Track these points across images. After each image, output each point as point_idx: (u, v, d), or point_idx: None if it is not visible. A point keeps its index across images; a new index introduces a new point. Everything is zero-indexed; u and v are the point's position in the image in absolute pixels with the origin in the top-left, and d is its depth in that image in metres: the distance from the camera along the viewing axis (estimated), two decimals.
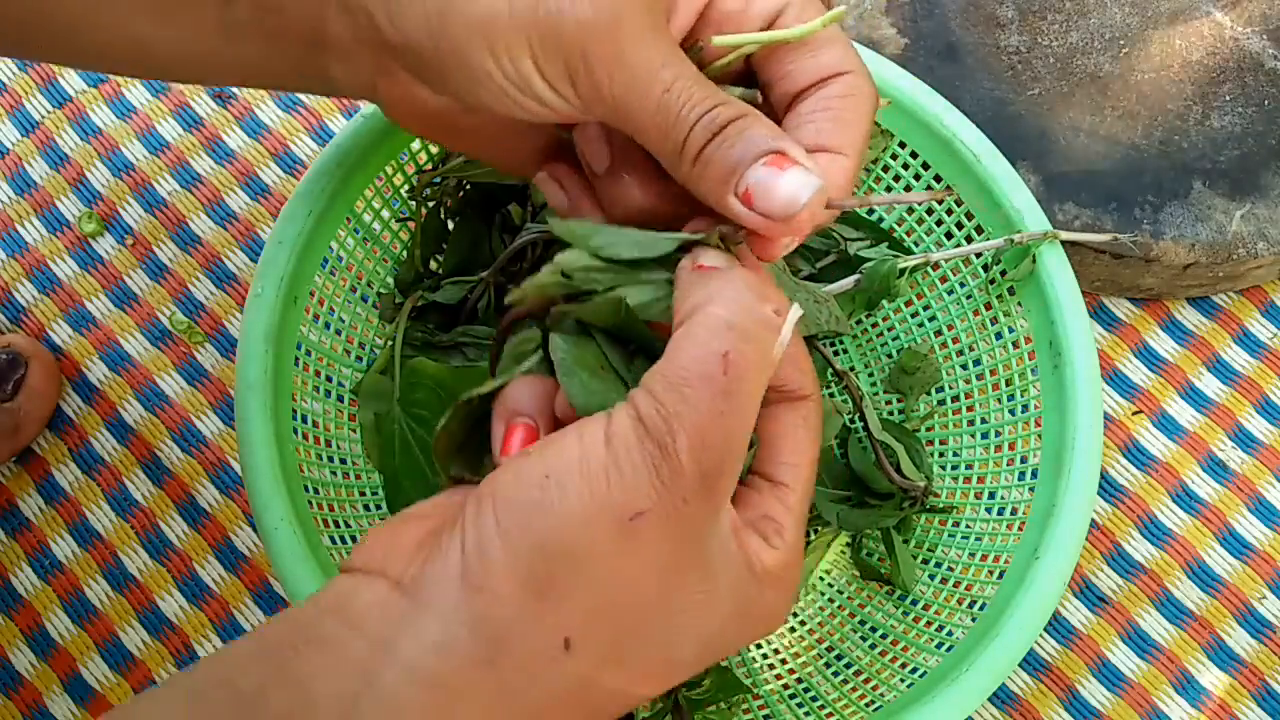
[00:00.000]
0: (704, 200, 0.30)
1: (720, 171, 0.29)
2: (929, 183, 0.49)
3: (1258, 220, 0.56)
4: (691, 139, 0.29)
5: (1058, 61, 0.59)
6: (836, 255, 0.50)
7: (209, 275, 0.60)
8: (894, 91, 0.48)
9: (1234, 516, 0.56)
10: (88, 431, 0.57)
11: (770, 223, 0.29)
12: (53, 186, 0.62)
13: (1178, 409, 0.58)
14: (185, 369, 0.58)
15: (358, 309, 0.49)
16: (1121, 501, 0.56)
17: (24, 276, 0.60)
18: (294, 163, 0.63)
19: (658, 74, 0.29)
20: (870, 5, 0.60)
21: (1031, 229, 0.45)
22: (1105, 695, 0.53)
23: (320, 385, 0.47)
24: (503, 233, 0.50)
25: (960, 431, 0.50)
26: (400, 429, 0.46)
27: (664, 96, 0.29)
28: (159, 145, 0.63)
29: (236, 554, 0.55)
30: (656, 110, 0.29)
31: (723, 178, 0.29)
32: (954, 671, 0.39)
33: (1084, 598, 0.54)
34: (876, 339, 0.54)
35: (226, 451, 0.57)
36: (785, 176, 0.28)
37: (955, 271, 0.50)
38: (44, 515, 0.55)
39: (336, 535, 0.44)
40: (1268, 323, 0.60)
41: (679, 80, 0.29)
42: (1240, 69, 0.59)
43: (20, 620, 0.54)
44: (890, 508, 0.48)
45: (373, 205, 0.48)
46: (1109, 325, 0.60)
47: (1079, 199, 0.56)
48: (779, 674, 0.48)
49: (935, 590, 0.46)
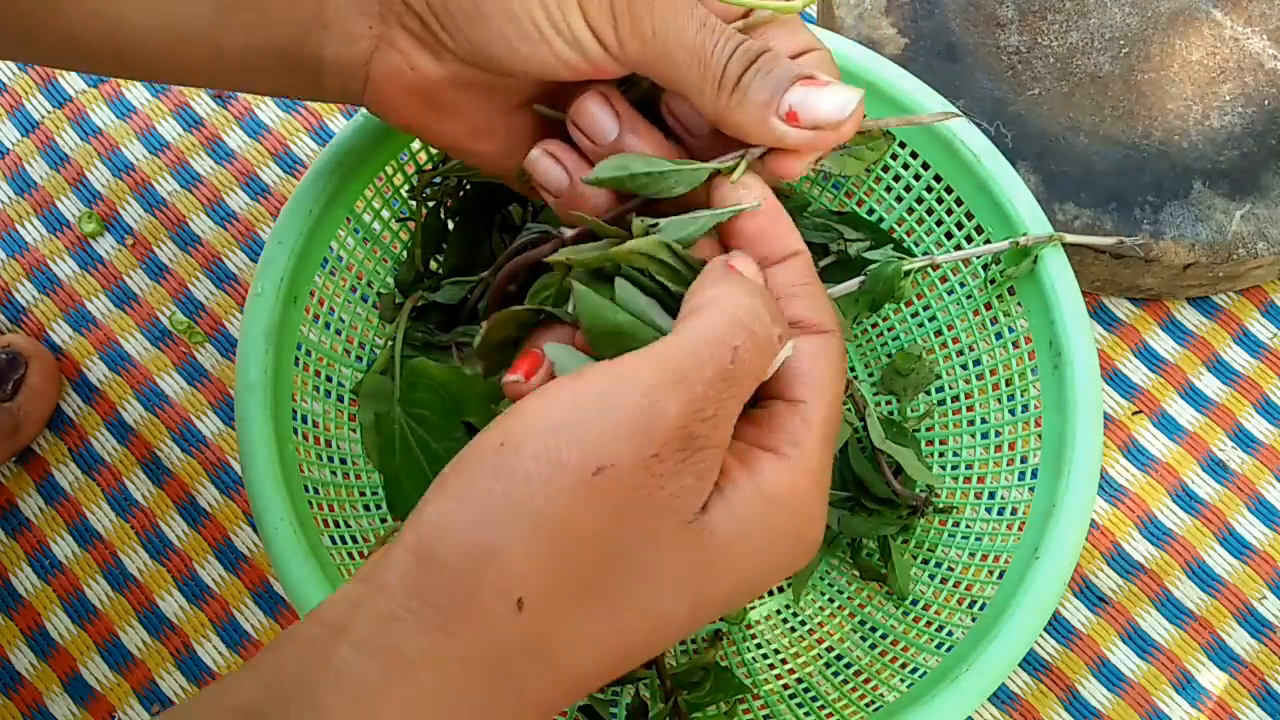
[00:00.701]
0: (739, 130, 0.32)
1: (761, 96, 0.31)
2: (929, 183, 0.49)
3: (1258, 220, 0.56)
4: (730, 68, 0.31)
5: (1058, 61, 0.59)
6: (837, 255, 0.50)
7: (209, 275, 0.60)
8: (894, 91, 0.48)
9: (1234, 516, 0.56)
10: (88, 431, 0.57)
11: (816, 135, 0.31)
12: (53, 186, 0.62)
13: (1178, 409, 0.58)
14: (185, 369, 0.58)
15: (358, 309, 0.49)
16: (1121, 501, 0.56)
17: (24, 276, 0.60)
18: (294, 163, 0.63)
19: (693, 9, 0.31)
20: (870, 5, 0.60)
21: (1031, 229, 0.45)
22: (1105, 695, 0.53)
23: (320, 385, 0.47)
24: (503, 233, 0.49)
25: (960, 431, 0.50)
26: (400, 429, 0.46)
27: (700, 31, 0.31)
28: (159, 145, 0.63)
29: (236, 554, 0.55)
30: (694, 44, 0.31)
31: (765, 101, 0.31)
32: (954, 671, 0.39)
33: (1084, 598, 0.54)
34: (876, 339, 0.54)
35: (226, 451, 0.57)
36: (827, 91, 0.31)
37: (955, 271, 0.50)
38: (44, 515, 0.55)
39: (336, 535, 0.44)
40: (1268, 323, 0.60)
41: (710, 16, 0.32)
42: (1240, 69, 0.59)
43: (20, 620, 0.54)
44: (891, 515, 0.48)
45: (373, 205, 0.48)
46: (1109, 325, 0.60)
47: (1079, 199, 0.56)
48: (779, 674, 0.48)
49: (935, 590, 0.46)
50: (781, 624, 0.49)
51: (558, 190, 0.36)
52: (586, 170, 0.35)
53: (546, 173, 0.36)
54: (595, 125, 0.34)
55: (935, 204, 0.49)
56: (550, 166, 0.35)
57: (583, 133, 0.34)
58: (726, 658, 0.48)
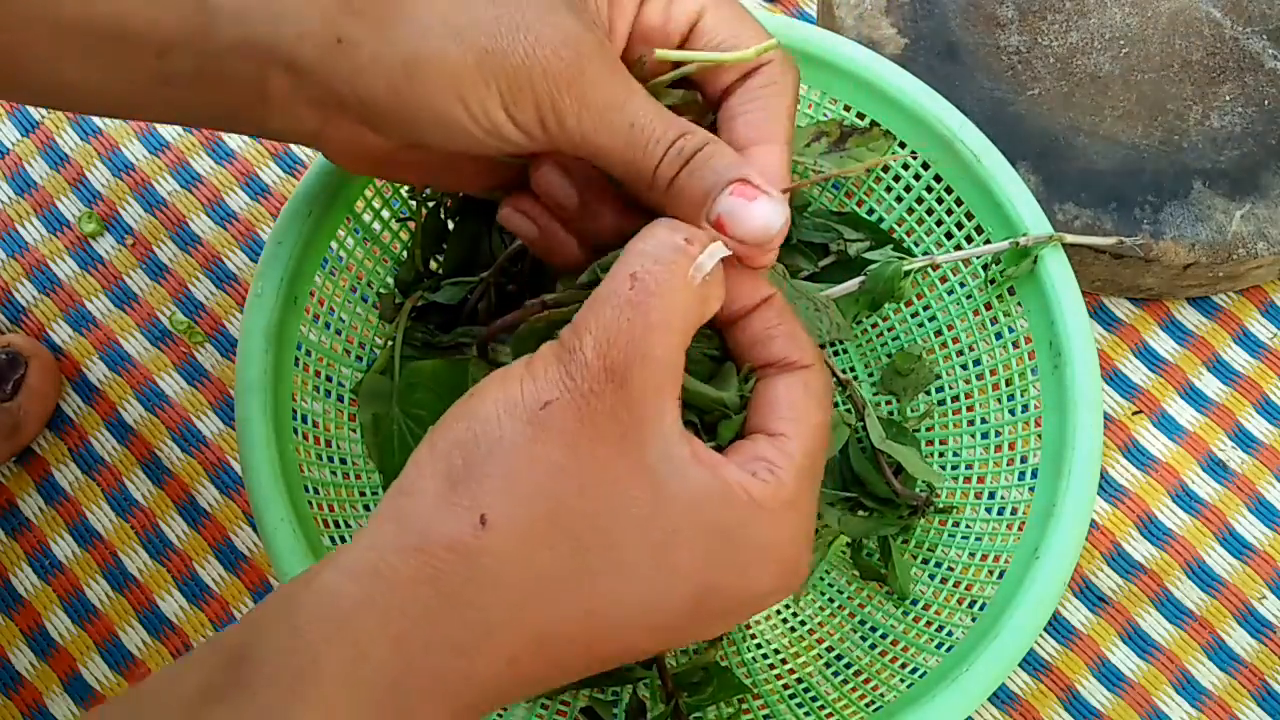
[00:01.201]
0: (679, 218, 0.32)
1: (693, 198, 0.31)
2: (929, 183, 0.49)
3: (1258, 220, 0.56)
4: (661, 170, 0.31)
5: (1058, 61, 0.59)
6: (837, 255, 0.50)
7: (209, 275, 0.60)
8: (894, 92, 0.48)
9: (1234, 516, 0.56)
10: (88, 431, 0.57)
11: (745, 246, 0.31)
12: (53, 186, 0.62)
13: (1178, 409, 0.58)
14: (185, 369, 0.58)
15: (358, 309, 0.49)
16: (1121, 501, 0.56)
17: (24, 276, 0.60)
18: (294, 163, 0.63)
19: (623, 110, 0.31)
20: (870, 5, 0.60)
21: (1031, 229, 0.45)
22: (1105, 695, 0.53)
23: (320, 385, 0.47)
24: (503, 233, 0.49)
25: (960, 431, 0.50)
26: (400, 429, 0.46)
27: (630, 131, 0.31)
28: (159, 145, 0.63)
29: (236, 554, 0.55)
30: (626, 145, 0.31)
31: (696, 204, 0.31)
32: (954, 671, 0.39)
33: (1084, 598, 0.54)
34: (876, 339, 0.54)
35: (226, 451, 0.57)
36: (754, 206, 0.31)
37: (955, 271, 0.50)
38: (44, 515, 0.55)
39: (336, 535, 0.44)
40: (1268, 323, 0.60)
41: (642, 114, 0.31)
42: (1240, 69, 0.59)
43: (20, 620, 0.54)
44: (891, 515, 0.48)
45: (373, 205, 0.48)
46: (1109, 325, 0.60)
47: (1079, 199, 0.56)
48: (779, 674, 0.48)
49: (935, 590, 0.46)
50: (781, 624, 0.49)
51: (531, 241, 0.37)
52: (554, 224, 0.37)
53: (519, 229, 0.37)
54: (555, 194, 0.35)
55: (935, 204, 0.49)
56: (521, 223, 0.37)
57: (546, 198, 0.36)
58: (726, 658, 0.48)
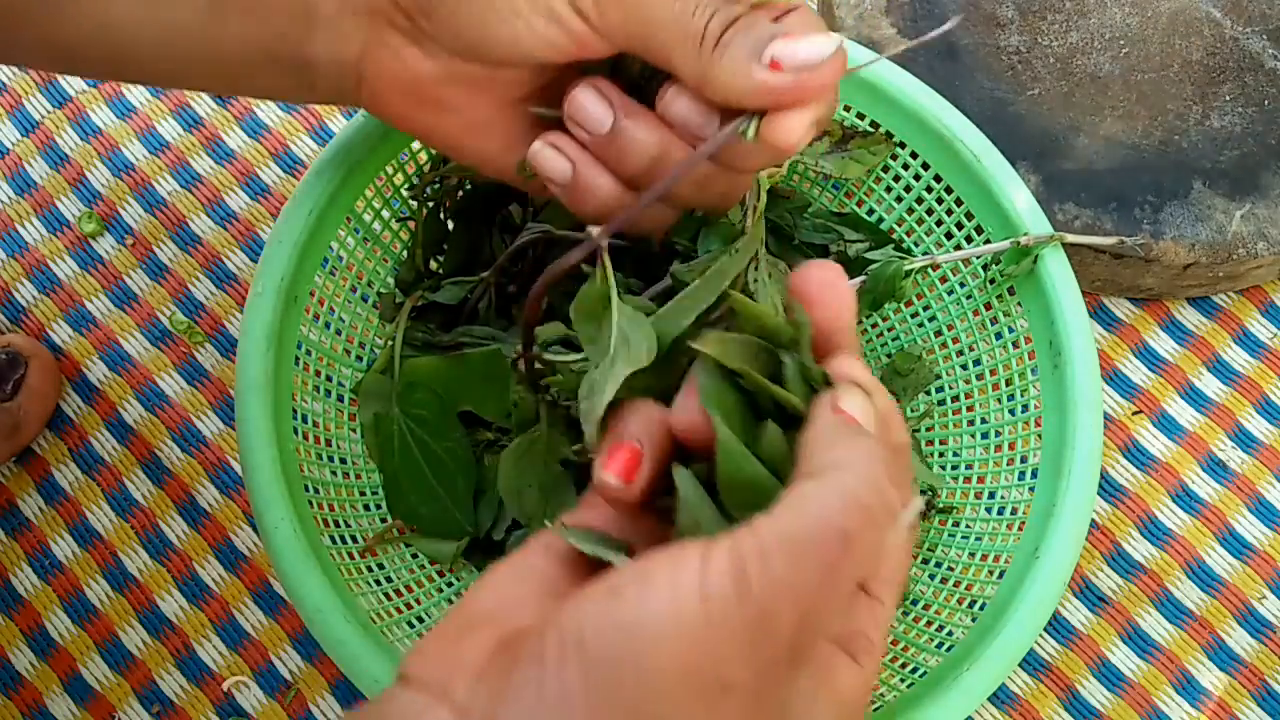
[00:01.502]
0: (726, 89, 0.32)
1: (743, 51, 0.31)
2: (929, 183, 0.49)
3: (1258, 220, 0.56)
4: (710, 28, 0.32)
5: (1058, 61, 0.59)
6: (837, 256, 0.50)
7: (209, 275, 0.60)
8: (894, 92, 0.48)
9: (1234, 516, 0.56)
10: (88, 431, 0.57)
11: (802, 78, 0.31)
12: (53, 186, 0.62)
13: (1178, 409, 0.58)
14: (185, 369, 0.58)
15: (358, 309, 0.49)
16: (1121, 501, 0.56)
17: (24, 276, 0.60)
18: (294, 163, 0.63)
19: None
20: (870, 5, 0.60)
21: (1031, 229, 0.45)
22: (1105, 695, 0.53)
23: (320, 385, 0.47)
24: (503, 233, 0.49)
25: (960, 431, 0.50)
26: (400, 429, 0.46)
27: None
28: (159, 145, 0.63)
29: (236, 554, 0.55)
30: (675, 8, 0.32)
31: (747, 55, 0.31)
32: (954, 671, 0.39)
33: (1084, 598, 0.54)
34: (876, 339, 0.54)
35: (226, 451, 0.57)
36: (806, 39, 0.31)
37: (955, 271, 0.50)
38: (44, 515, 0.55)
39: (336, 535, 0.44)
40: (1268, 323, 0.60)
41: None
42: (1240, 69, 0.59)
43: (20, 620, 0.54)
44: None
45: (373, 205, 0.48)
46: (1109, 325, 0.60)
47: (1079, 199, 0.56)
48: None
49: (935, 590, 0.46)
50: None
51: (562, 180, 0.35)
52: (589, 160, 0.35)
53: (549, 164, 0.35)
54: (590, 115, 0.34)
55: (935, 204, 0.49)
56: (553, 157, 0.35)
57: (579, 124, 0.35)
58: None
